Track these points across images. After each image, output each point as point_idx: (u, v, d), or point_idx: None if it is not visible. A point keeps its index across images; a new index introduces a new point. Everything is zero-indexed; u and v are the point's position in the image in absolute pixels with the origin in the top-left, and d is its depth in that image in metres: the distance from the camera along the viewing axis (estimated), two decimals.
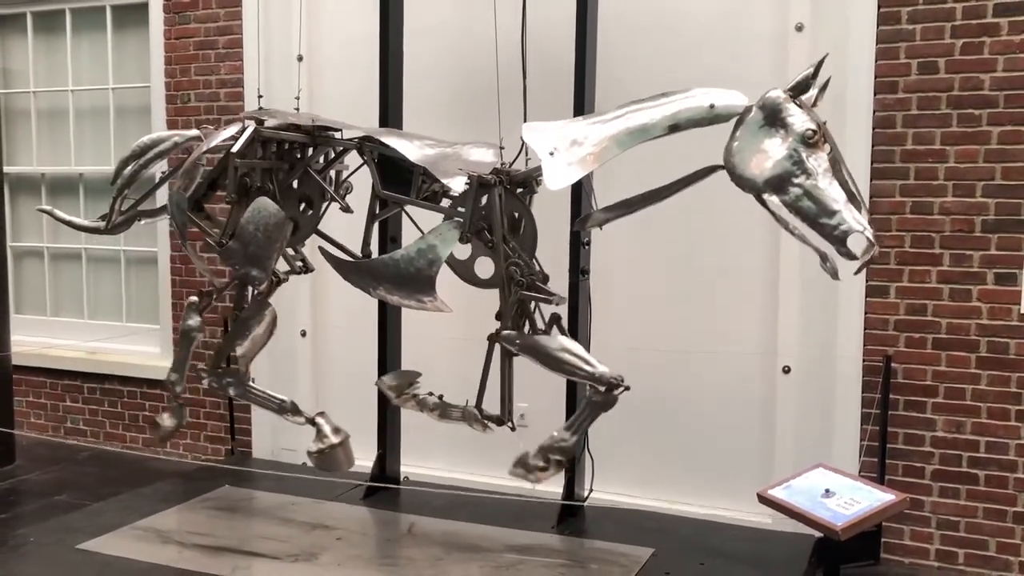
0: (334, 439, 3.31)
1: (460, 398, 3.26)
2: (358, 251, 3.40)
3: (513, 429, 3.18)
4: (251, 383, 3.62)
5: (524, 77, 3.22)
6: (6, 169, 5.76)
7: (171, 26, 5.43)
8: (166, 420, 3.74)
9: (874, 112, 4.02)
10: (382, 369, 4.19)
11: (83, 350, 5.89)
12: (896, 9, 3.95)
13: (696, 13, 4.34)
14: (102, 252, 6.00)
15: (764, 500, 3.12)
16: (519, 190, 3.09)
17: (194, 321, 3.66)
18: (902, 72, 3.97)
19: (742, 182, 2.63)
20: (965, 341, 3.94)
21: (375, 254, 3.44)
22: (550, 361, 2.98)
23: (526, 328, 3.11)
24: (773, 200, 2.60)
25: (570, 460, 3.15)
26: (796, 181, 2.55)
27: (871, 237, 2.50)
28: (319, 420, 3.40)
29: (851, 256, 2.51)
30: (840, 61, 4.08)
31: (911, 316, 4.02)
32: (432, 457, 4.81)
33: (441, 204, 3.24)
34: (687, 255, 4.42)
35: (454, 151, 3.22)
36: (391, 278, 3.14)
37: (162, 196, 4.47)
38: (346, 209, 3.42)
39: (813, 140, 2.55)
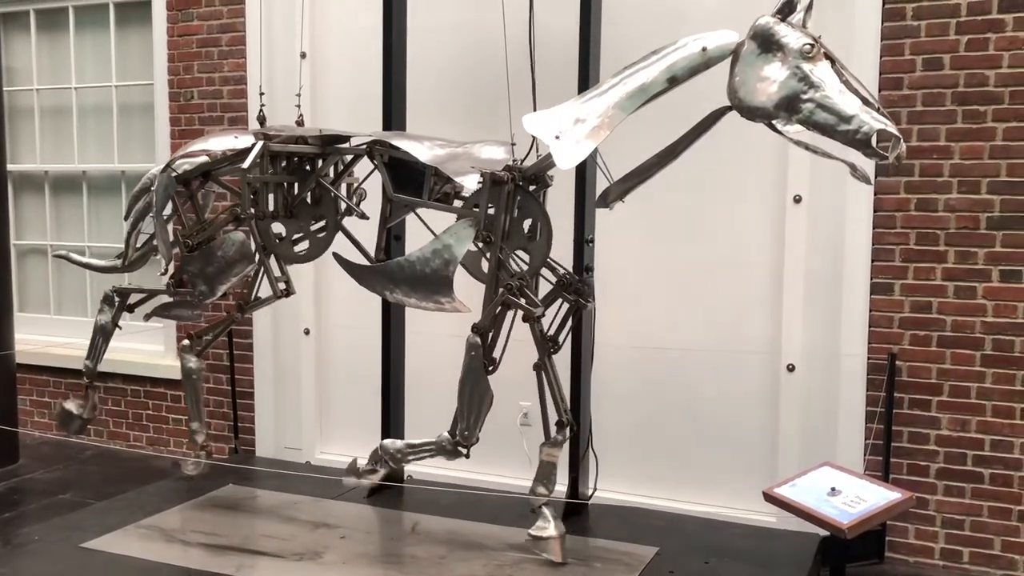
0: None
1: None
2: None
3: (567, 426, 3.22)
4: None
5: (533, 74, 3.19)
6: (9, 167, 5.75)
7: (174, 23, 5.42)
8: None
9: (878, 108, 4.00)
10: (385, 367, 4.19)
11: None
12: (901, 5, 3.94)
13: (699, 6, 4.32)
14: (106, 250, 6.00)
15: (770, 498, 3.11)
16: (532, 187, 3.07)
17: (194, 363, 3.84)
18: (907, 68, 3.95)
19: (753, 113, 2.59)
20: (970, 339, 3.93)
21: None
22: (463, 390, 3.06)
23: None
24: (789, 126, 2.57)
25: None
26: (806, 96, 2.51)
27: (895, 131, 2.44)
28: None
29: (880, 156, 2.45)
30: (844, 57, 4.05)
31: (916, 314, 4.01)
32: None
33: (453, 205, 3.23)
34: (690, 253, 4.40)
35: (464, 150, 3.20)
36: (407, 280, 3.13)
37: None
38: (362, 216, 3.41)
39: (812, 54, 2.52)
